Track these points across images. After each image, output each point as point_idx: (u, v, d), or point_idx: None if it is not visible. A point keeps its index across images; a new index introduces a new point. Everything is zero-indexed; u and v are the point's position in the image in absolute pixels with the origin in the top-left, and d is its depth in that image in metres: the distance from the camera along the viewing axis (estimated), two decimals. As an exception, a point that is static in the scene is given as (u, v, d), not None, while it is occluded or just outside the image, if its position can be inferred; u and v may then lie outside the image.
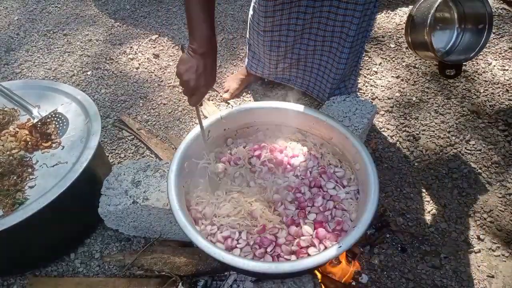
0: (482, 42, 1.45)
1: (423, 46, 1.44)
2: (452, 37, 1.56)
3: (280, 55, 1.66)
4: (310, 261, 0.93)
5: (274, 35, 1.57)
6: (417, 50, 1.49)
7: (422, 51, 1.48)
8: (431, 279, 1.32)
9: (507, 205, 1.50)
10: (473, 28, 1.49)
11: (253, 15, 1.60)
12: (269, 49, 1.64)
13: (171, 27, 2.37)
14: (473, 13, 1.48)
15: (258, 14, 1.53)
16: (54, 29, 2.38)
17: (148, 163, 1.35)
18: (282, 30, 1.55)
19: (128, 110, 1.90)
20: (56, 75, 2.08)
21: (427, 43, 1.38)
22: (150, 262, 1.28)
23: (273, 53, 1.65)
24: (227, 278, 1.21)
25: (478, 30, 1.46)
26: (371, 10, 1.43)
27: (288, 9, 1.47)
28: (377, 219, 1.45)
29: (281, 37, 1.58)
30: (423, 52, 1.48)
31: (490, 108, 1.85)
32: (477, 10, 1.45)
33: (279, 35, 1.57)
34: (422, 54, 1.51)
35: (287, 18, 1.50)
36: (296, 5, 1.45)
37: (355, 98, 1.55)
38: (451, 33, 1.56)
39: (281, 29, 1.54)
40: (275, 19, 1.50)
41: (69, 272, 1.35)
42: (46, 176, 1.20)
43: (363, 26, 1.48)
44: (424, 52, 1.47)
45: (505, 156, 1.65)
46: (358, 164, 1.16)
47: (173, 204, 1.03)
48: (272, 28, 1.54)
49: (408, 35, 1.48)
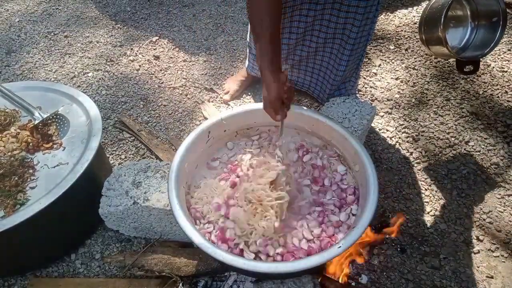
0: (497, 37, 1.43)
1: (438, 43, 1.43)
2: (466, 33, 1.55)
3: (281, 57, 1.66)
4: (310, 261, 0.94)
5: None
6: (431, 47, 1.48)
7: (436, 48, 1.47)
8: (431, 280, 1.32)
9: (506, 206, 1.50)
10: (486, 24, 1.49)
11: None
12: None
13: (172, 29, 2.38)
14: (486, 10, 1.47)
15: None
16: (55, 30, 2.39)
17: (148, 164, 1.35)
18: (284, 33, 1.55)
19: (128, 112, 1.91)
20: (57, 77, 2.09)
21: (442, 40, 1.37)
22: (150, 263, 1.28)
23: None
24: (227, 279, 1.21)
25: (492, 25, 1.45)
26: (373, 13, 1.43)
27: (290, 13, 1.47)
28: (376, 220, 1.45)
29: (282, 40, 1.58)
30: (438, 50, 1.47)
31: (489, 109, 1.85)
32: (490, 7, 1.45)
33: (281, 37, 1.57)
34: (437, 52, 1.50)
35: (289, 21, 1.51)
36: (298, 8, 1.46)
37: (355, 100, 1.55)
38: (465, 29, 1.54)
39: (283, 32, 1.55)
40: None
41: (69, 272, 1.35)
42: (47, 177, 1.21)
43: (365, 30, 1.48)
44: (439, 50, 1.46)
45: (504, 157, 1.66)
46: (357, 165, 1.17)
47: (173, 204, 1.04)
48: None
49: (422, 33, 1.47)
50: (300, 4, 1.45)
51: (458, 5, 1.52)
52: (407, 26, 2.32)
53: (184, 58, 2.18)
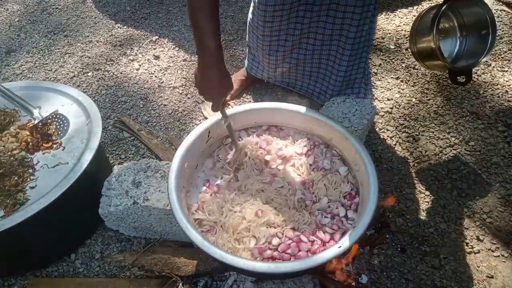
0: (488, 46, 1.45)
1: (430, 56, 1.44)
2: (455, 45, 1.57)
3: (278, 59, 1.66)
4: (310, 261, 0.94)
5: (273, 40, 1.57)
6: (425, 61, 1.50)
7: (430, 61, 1.48)
8: (431, 280, 1.32)
9: (506, 206, 1.50)
10: (475, 34, 1.50)
11: (252, 19, 1.60)
12: (268, 53, 1.64)
13: (172, 28, 2.38)
14: (473, 20, 1.49)
15: (257, 18, 1.53)
16: (55, 30, 2.39)
17: (148, 163, 1.35)
18: (281, 35, 1.55)
19: (128, 111, 1.91)
20: (57, 76, 2.09)
21: (436, 52, 1.38)
22: (150, 263, 1.28)
23: (271, 57, 1.65)
24: (227, 279, 1.21)
25: (482, 35, 1.47)
26: (371, 12, 1.43)
27: (287, 15, 1.47)
28: (376, 220, 1.45)
29: (279, 42, 1.58)
30: (431, 63, 1.48)
31: (490, 109, 1.85)
32: (478, 16, 1.46)
33: (277, 40, 1.57)
34: (431, 65, 1.51)
35: (286, 23, 1.50)
36: (294, 10, 1.46)
37: (355, 99, 1.55)
38: (454, 41, 1.57)
39: (280, 34, 1.54)
40: (274, 25, 1.50)
41: (69, 272, 1.35)
42: (47, 177, 1.20)
43: (365, 30, 1.47)
44: (433, 62, 1.47)
45: (505, 157, 1.66)
46: (357, 165, 1.17)
47: (173, 204, 1.04)
48: (271, 34, 1.54)
49: (414, 46, 1.49)
50: (296, 6, 1.44)
51: (444, 18, 1.53)
52: (408, 26, 2.32)
53: (184, 58, 2.18)
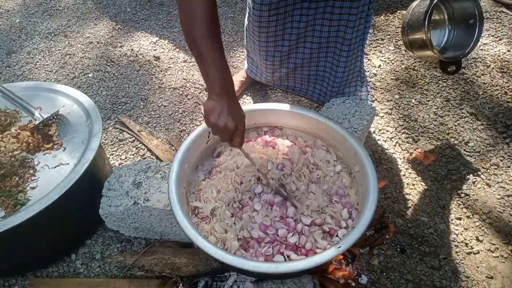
0: (475, 37, 1.50)
1: (421, 47, 1.49)
2: (444, 35, 1.62)
3: (276, 64, 1.66)
4: (310, 261, 0.94)
5: (269, 45, 1.57)
6: (416, 51, 1.53)
7: (421, 51, 1.52)
8: (431, 280, 1.32)
9: (505, 207, 1.50)
10: (463, 25, 1.55)
11: (248, 24, 1.60)
12: (265, 58, 1.64)
13: (172, 29, 2.39)
14: (462, 13, 1.54)
15: (252, 24, 1.52)
16: (55, 31, 2.39)
17: (149, 164, 1.36)
18: (277, 41, 1.55)
19: (129, 112, 1.91)
20: (58, 77, 2.09)
21: (427, 43, 1.43)
22: (150, 263, 1.29)
23: (269, 62, 1.65)
24: (227, 279, 1.22)
25: (469, 26, 1.52)
26: (365, 12, 1.43)
27: (282, 20, 1.47)
28: (376, 221, 1.46)
29: (276, 47, 1.58)
30: (422, 53, 1.52)
31: (489, 110, 1.86)
32: (466, 10, 1.52)
33: (274, 45, 1.57)
34: (422, 55, 1.55)
35: (282, 28, 1.50)
36: (290, 14, 1.45)
37: (355, 100, 1.55)
38: (443, 32, 1.62)
39: (276, 39, 1.54)
40: (269, 30, 1.49)
41: (70, 272, 1.36)
42: (47, 177, 1.21)
43: (360, 30, 1.48)
44: (424, 53, 1.51)
45: (504, 157, 1.66)
46: (357, 165, 1.17)
47: (174, 205, 1.04)
48: (267, 39, 1.54)
49: (405, 36, 1.53)
50: (292, 10, 1.44)
51: (436, 10, 1.57)
52: (407, 27, 2.32)
53: (185, 59, 2.18)
